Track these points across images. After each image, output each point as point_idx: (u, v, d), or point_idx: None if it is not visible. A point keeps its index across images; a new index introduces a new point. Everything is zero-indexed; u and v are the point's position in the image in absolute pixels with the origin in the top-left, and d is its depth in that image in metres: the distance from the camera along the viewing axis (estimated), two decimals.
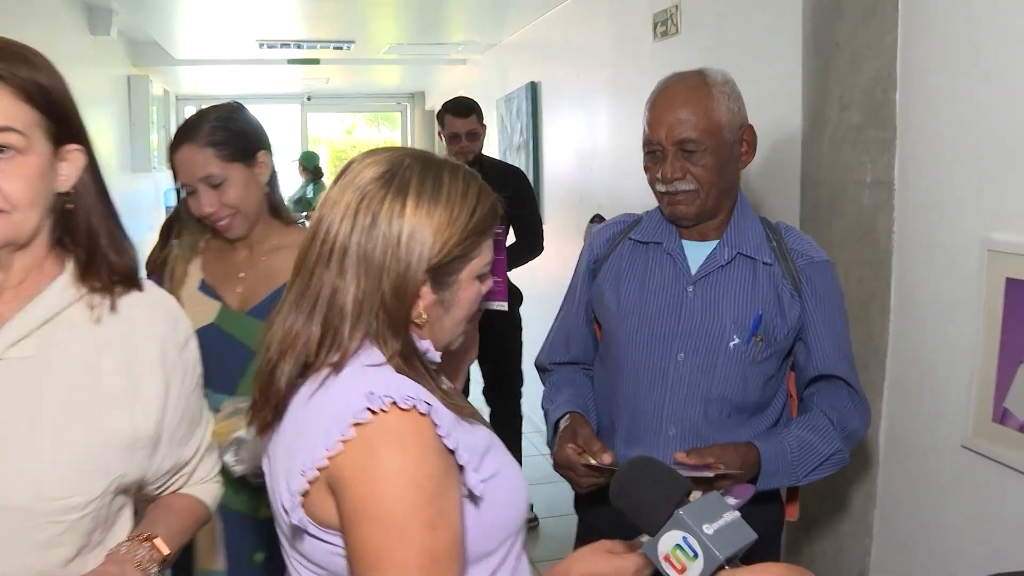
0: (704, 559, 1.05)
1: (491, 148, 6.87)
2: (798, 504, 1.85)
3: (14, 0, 3.98)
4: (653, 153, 1.73)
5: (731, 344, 1.70)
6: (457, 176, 1.18)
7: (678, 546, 1.06)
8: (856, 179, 2.19)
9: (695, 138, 1.67)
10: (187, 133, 1.94)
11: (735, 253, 1.74)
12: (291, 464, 1.09)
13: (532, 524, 3.96)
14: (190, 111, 9.97)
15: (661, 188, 1.73)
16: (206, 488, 1.43)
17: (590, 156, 4.65)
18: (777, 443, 1.69)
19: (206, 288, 2.02)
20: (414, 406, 1.04)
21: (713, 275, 1.74)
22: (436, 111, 10.01)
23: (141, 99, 6.60)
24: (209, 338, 1.85)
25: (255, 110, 2.24)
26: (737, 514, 1.10)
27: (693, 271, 1.75)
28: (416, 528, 1.02)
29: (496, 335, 3.34)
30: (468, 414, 1.17)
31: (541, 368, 2.00)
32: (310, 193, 8.15)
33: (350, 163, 1.19)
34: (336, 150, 17.40)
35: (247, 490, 1.89)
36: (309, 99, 10.07)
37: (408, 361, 1.12)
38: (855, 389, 1.77)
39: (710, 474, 1.54)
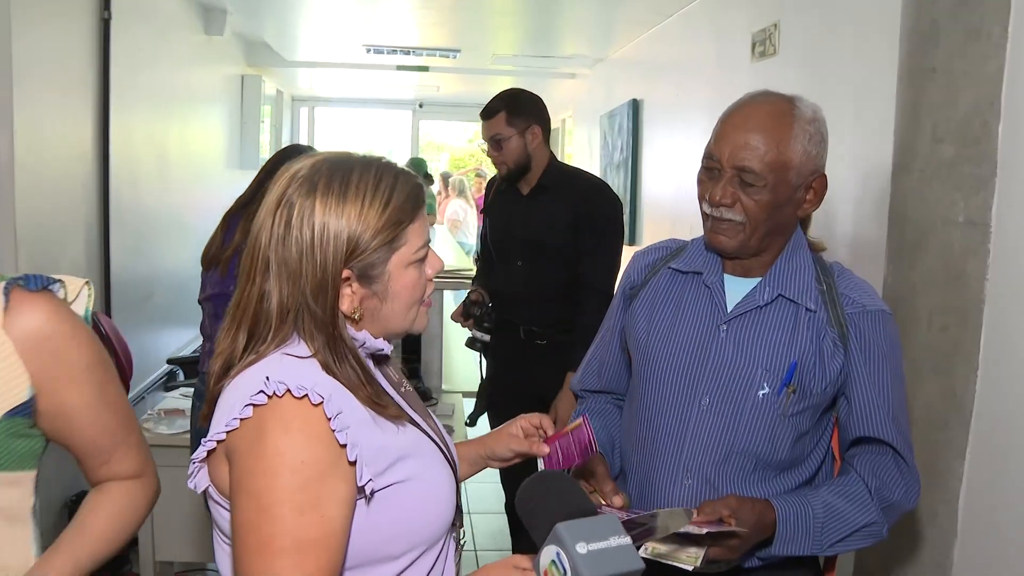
0: None
1: (593, 165, 6.76)
2: (834, 574, 1.67)
3: (132, 1, 4.12)
4: (710, 169, 1.58)
5: (760, 393, 1.53)
6: (368, 171, 1.18)
7: (553, 562, 1.02)
8: (946, 218, 1.99)
9: (757, 170, 1.50)
10: None
11: (776, 294, 1.57)
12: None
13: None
14: (304, 112, 10.30)
15: (706, 209, 1.58)
16: None
17: (687, 178, 4.48)
18: (800, 505, 1.51)
19: None
20: (306, 395, 1.07)
21: (749, 315, 1.58)
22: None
23: (253, 98, 6.77)
24: None
25: (368, 114, 2.11)
26: (628, 540, 1.04)
27: (729, 308, 1.59)
28: (284, 510, 1.05)
29: None
30: (393, 416, 1.18)
31: (575, 394, 1.88)
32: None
33: (280, 174, 1.20)
34: (455, 157, 17.71)
35: None
36: (421, 106, 10.18)
37: (337, 355, 1.15)
38: (903, 458, 1.57)
39: (719, 529, 1.39)
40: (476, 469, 1.50)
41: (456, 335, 4.54)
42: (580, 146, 7.61)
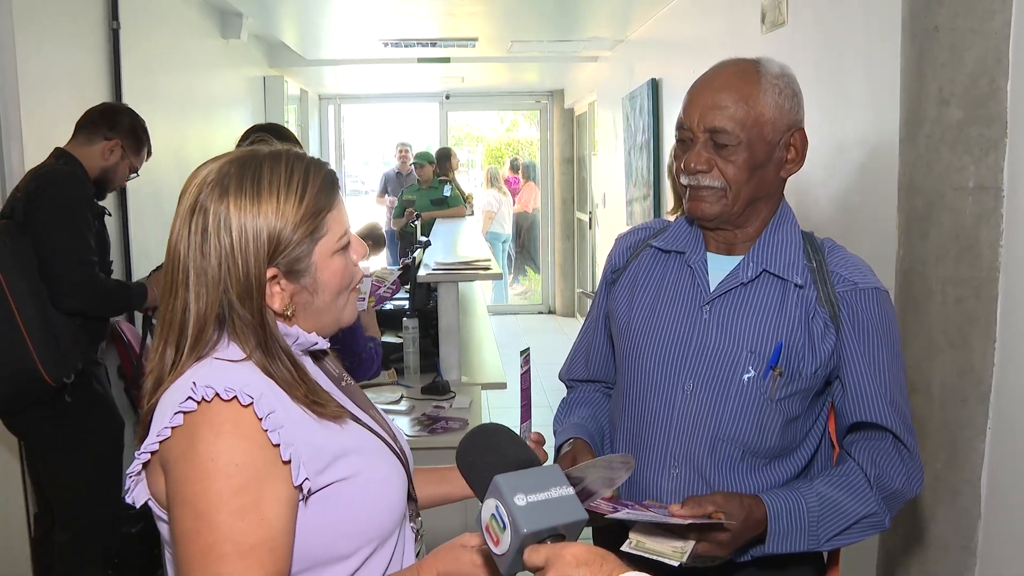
0: (511, 531, 0.95)
1: (618, 148, 6.67)
2: (838, 570, 1.58)
3: (147, 9, 4.14)
4: (683, 140, 1.51)
5: (745, 377, 1.45)
6: (278, 165, 1.15)
7: (493, 516, 0.97)
8: (955, 184, 1.90)
9: (729, 129, 1.43)
10: None
11: (760, 270, 1.49)
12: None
13: None
14: (332, 111, 10.32)
15: (684, 180, 1.50)
16: None
17: None
18: (792, 499, 1.43)
19: None
20: (235, 397, 1.05)
21: (733, 294, 1.50)
22: (573, 108, 9.86)
23: (276, 99, 6.78)
24: None
25: (396, 108, 2.07)
26: (571, 491, 0.98)
27: (712, 288, 1.52)
28: (222, 515, 1.03)
29: None
30: (332, 414, 1.16)
31: (564, 383, 1.83)
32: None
33: (187, 183, 1.16)
34: (491, 147, 17.42)
35: None
36: (448, 98, 10.15)
37: (271, 355, 1.13)
38: (904, 444, 1.47)
39: (703, 521, 1.32)
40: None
41: (476, 328, 4.51)
42: (606, 129, 7.51)
